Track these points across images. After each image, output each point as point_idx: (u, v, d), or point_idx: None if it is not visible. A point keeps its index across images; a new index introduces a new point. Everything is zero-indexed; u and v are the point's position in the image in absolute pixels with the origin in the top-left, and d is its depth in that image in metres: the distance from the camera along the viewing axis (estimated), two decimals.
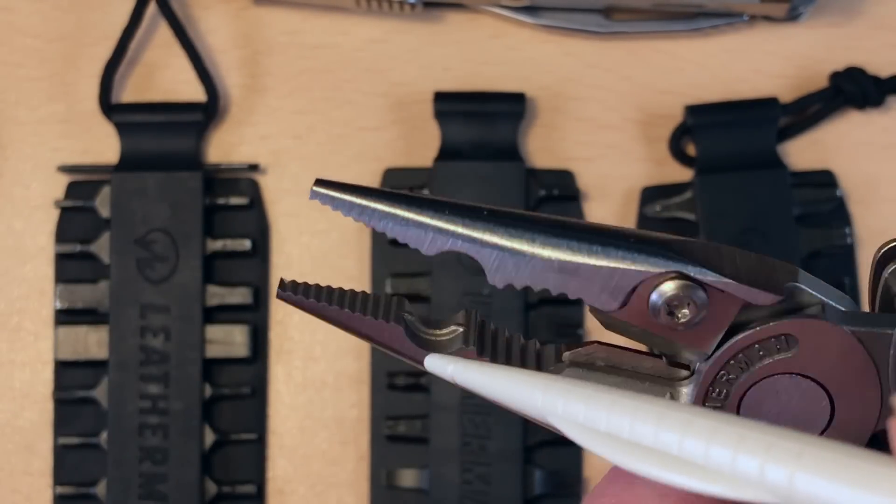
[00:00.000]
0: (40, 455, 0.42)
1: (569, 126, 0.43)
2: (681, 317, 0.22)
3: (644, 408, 0.19)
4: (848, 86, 0.42)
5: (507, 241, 0.22)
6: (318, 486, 0.42)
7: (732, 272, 0.22)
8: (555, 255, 0.22)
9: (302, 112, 0.44)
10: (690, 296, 0.22)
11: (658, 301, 0.22)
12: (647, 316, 0.22)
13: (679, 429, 0.18)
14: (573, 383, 0.21)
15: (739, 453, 0.17)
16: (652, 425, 0.19)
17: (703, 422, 0.18)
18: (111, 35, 0.43)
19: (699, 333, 0.22)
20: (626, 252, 0.22)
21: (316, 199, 0.22)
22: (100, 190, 0.42)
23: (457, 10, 0.44)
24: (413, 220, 0.22)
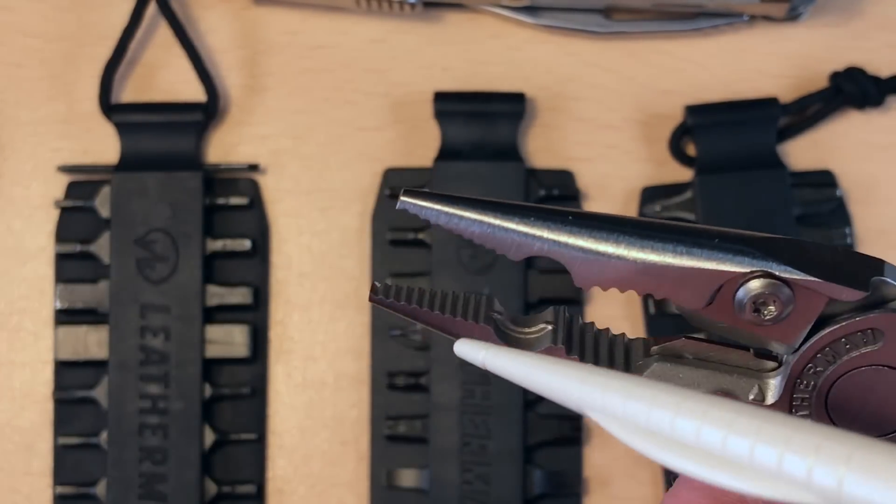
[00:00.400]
0: (40, 455, 0.42)
1: (569, 126, 0.43)
2: (767, 314, 0.22)
3: (686, 404, 0.19)
4: (848, 86, 0.42)
5: (592, 244, 0.22)
6: (318, 486, 0.42)
7: (817, 269, 0.22)
8: (640, 256, 0.22)
9: (302, 112, 0.44)
10: (776, 293, 0.22)
11: (744, 299, 0.22)
12: (733, 313, 0.22)
13: (723, 427, 0.18)
14: (611, 375, 0.20)
15: (786, 454, 0.17)
16: (694, 423, 0.18)
17: (747, 420, 0.18)
18: (111, 35, 0.43)
19: (786, 328, 0.22)
20: (710, 252, 0.22)
21: (405, 209, 0.23)
22: (100, 190, 0.42)
23: (457, 10, 0.44)
24: (500, 226, 0.23)
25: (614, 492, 0.42)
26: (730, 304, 0.22)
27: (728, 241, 0.22)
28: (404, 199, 0.23)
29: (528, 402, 0.41)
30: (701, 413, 0.18)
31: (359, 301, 0.42)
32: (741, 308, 0.22)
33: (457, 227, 0.23)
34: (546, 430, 0.41)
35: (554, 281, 0.42)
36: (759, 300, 0.22)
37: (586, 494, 0.42)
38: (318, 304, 0.42)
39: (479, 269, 0.41)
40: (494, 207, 0.23)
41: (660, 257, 0.22)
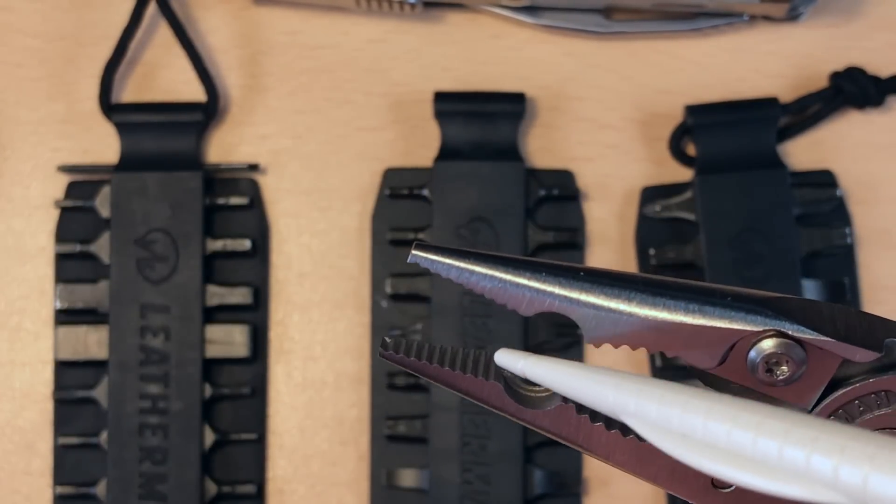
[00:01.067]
0: (40, 455, 0.42)
1: (569, 126, 0.43)
2: (779, 374, 0.22)
3: (717, 408, 0.19)
4: (848, 86, 0.42)
5: (604, 300, 0.22)
6: (318, 486, 0.42)
7: (831, 329, 0.22)
8: (652, 314, 0.22)
9: (302, 112, 0.44)
10: (789, 353, 0.22)
11: (756, 358, 0.22)
12: (745, 373, 0.22)
13: (753, 429, 0.18)
14: (645, 381, 0.21)
15: (813, 454, 0.17)
16: (726, 425, 0.19)
17: (775, 423, 0.18)
18: (111, 35, 0.43)
19: (799, 389, 0.22)
20: (723, 310, 0.22)
21: (416, 262, 0.23)
22: (100, 190, 0.42)
23: (457, 10, 0.44)
24: (511, 281, 0.23)
25: (614, 492, 0.42)
26: (742, 363, 0.22)
27: (741, 299, 0.22)
28: (416, 252, 0.23)
29: None
30: (732, 416, 0.19)
31: (359, 301, 0.42)
32: (754, 368, 0.22)
33: (468, 281, 0.23)
34: None
35: None
36: (772, 360, 0.22)
37: (586, 494, 0.42)
38: (318, 304, 0.42)
39: None
40: (505, 263, 0.23)
41: (672, 315, 0.22)
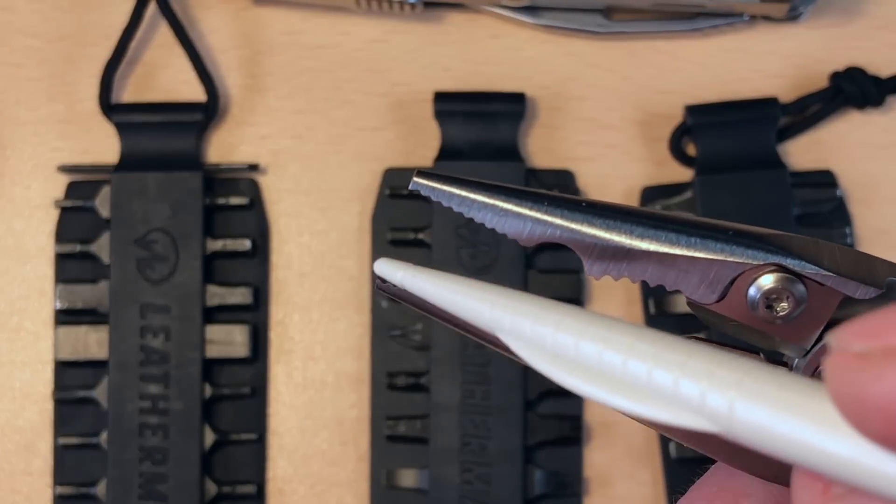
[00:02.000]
0: (40, 455, 0.42)
1: (569, 126, 0.43)
2: (779, 310, 0.22)
3: (590, 329, 0.19)
4: (848, 86, 0.42)
5: (606, 232, 0.22)
6: (318, 486, 0.42)
7: (832, 265, 0.22)
8: (653, 246, 0.22)
9: (302, 112, 0.44)
10: (789, 289, 0.22)
11: (756, 294, 0.22)
12: (745, 309, 0.22)
13: (623, 351, 0.18)
14: (523, 298, 0.20)
15: (682, 379, 0.17)
16: (597, 346, 0.18)
17: (646, 345, 0.18)
18: (111, 35, 0.43)
19: (798, 327, 0.22)
20: (724, 244, 0.22)
21: (417, 189, 0.23)
22: (100, 190, 0.42)
23: (457, 10, 0.44)
24: (512, 210, 0.22)
25: (614, 492, 0.42)
26: (742, 299, 0.22)
27: (742, 234, 0.22)
28: (417, 179, 0.23)
29: (529, 402, 0.41)
30: (604, 337, 0.18)
31: (359, 301, 0.42)
32: (754, 304, 0.22)
33: (468, 210, 0.23)
34: (546, 430, 0.41)
35: (554, 281, 0.42)
36: (772, 295, 0.22)
37: (586, 494, 0.42)
38: (318, 304, 0.42)
39: (479, 269, 0.41)
40: (507, 192, 0.22)
41: (672, 248, 0.22)
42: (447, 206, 0.23)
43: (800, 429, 0.16)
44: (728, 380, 0.17)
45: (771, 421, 0.16)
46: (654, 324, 0.42)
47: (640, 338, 0.18)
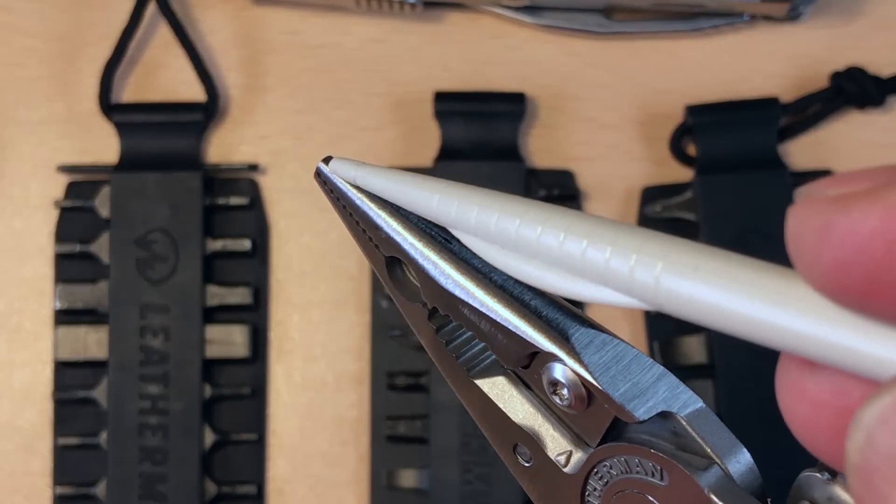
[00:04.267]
0: (40, 455, 0.42)
1: (569, 126, 0.43)
2: (564, 400, 0.21)
3: (530, 213, 0.19)
4: (848, 86, 0.42)
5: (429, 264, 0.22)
6: (318, 486, 0.42)
7: (614, 377, 0.20)
8: (462, 295, 0.21)
9: (302, 112, 0.44)
10: (569, 385, 0.20)
11: (544, 377, 0.21)
12: (542, 387, 0.21)
13: (560, 233, 0.18)
14: (470, 190, 0.21)
15: (612, 256, 0.17)
16: (536, 230, 0.19)
17: (581, 226, 0.18)
18: (111, 35, 0.43)
19: (584, 421, 0.21)
20: (522, 319, 0.21)
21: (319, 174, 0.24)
22: (100, 190, 0.42)
23: (457, 10, 0.44)
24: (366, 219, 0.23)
25: None
26: (540, 377, 0.21)
27: (539, 315, 0.21)
28: (321, 165, 0.24)
29: None
30: (542, 220, 0.19)
31: (359, 301, 0.42)
32: (544, 384, 0.21)
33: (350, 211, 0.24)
34: None
35: None
36: (554, 385, 0.21)
37: None
38: (318, 304, 0.42)
39: None
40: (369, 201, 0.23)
41: (481, 305, 0.21)
42: (337, 200, 0.24)
43: (725, 298, 0.16)
44: (654, 254, 0.17)
45: (696, 292, 0.16)
46: (654, 323, 0.42)
47: (576, 219, 0.18)
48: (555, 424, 0.22)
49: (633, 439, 0.21)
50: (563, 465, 0.22)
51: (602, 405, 0.20)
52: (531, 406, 0.22)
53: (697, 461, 0.20)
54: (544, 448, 0.22)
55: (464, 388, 0.23)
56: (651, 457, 0.20)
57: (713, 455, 0.20)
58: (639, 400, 0.20)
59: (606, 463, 0.21)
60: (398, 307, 0.24)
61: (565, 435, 0.22)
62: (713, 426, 0.20)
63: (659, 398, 0.20)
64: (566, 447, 0.22)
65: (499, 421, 0.23)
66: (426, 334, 0.23)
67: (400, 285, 0.23)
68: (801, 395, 0.17)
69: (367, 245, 0.24)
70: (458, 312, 0.22)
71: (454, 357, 0.23)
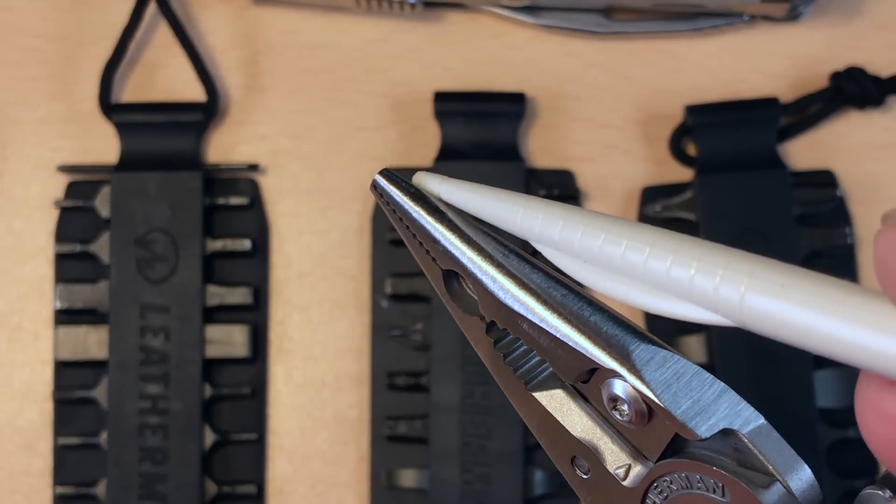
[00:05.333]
0: (40, 455, 0.42)
1: (569, 126, 0.43)
2: (624, 416, 0.21)
3: (614, 230, 0.19)
4: (848, 86, 0.42)
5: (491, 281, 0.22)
6: (318, 486, 0.42)
7: (671, 397, 0.20)
8: (523, 311, 0.22)
9: (302, 112, 0.44)
10: (630, 401, 0.21)
11: (605, 394, 0.21)
12: (602, 402, 0.22)
13: (645, 250, 0.18)
14: (552, 206, 0.21)
15: (696, 274, 0.18)
16: (620, 247, 0.19)
17: (666, 244, 0.18)
18: (111, 35, 0.43)
19: (645, 436, 0.21)
20: (582, 336, 0.21)
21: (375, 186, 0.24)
22: (100, 190, 0.42)
23: (457, 10, 0.44)
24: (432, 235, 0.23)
25: None
26: (600, 392, 0.21)
27: (599, 333, 0.21)
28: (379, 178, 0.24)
29: None
30: (627, 237, 0.19)
31: (359, 301, 0.42)
32: (605, 401, 0.21)
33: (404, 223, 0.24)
34: None
35: None
36: (615, 401, 0.21)
37: None
38: (318, 304, 0.42)
39: None
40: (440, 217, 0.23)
41: (541, 321, 0.21)
42: (394, 213, 0.24)
43: (811, 318, 0.16)
44: (739, 272, 0.17)
45: (778, 308, 0.16)
46: (654, 321, 0.42)
47: (660, 237, 0.18)
48: (613, 438, 0.22)
49: (694, 455, 0.21)
50: (622, 478, 0.22)
51: (663, 421, 0.20)
52: (589, 419, 0.22)
53: (759, 478, 0.20)
54: (603, 461, 0.22)
55: (522, 400, 0.23)
56: (713, 474, 0.20)
57: (774, 472, 0.20)
58: (700, 417, 0.20)
59: (667, 478, 0.21)
60: (456, 320, 0.24)
61: (624, 448, 0.22)
62: (774, 443, 0.20)
63: (720, 415, 0.21)
64: (625, 461, 0.22)
65: (557, 433, 0.23)
66: (484, 347, 0.23)
67: (457, 298, 0.24)
68: (882, 414, 0.17)
69: (424, 258, 0.24)
70: (517, 327, 0.22)
71: (512, 370, 0.23)
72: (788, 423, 0.40)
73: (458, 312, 0.24)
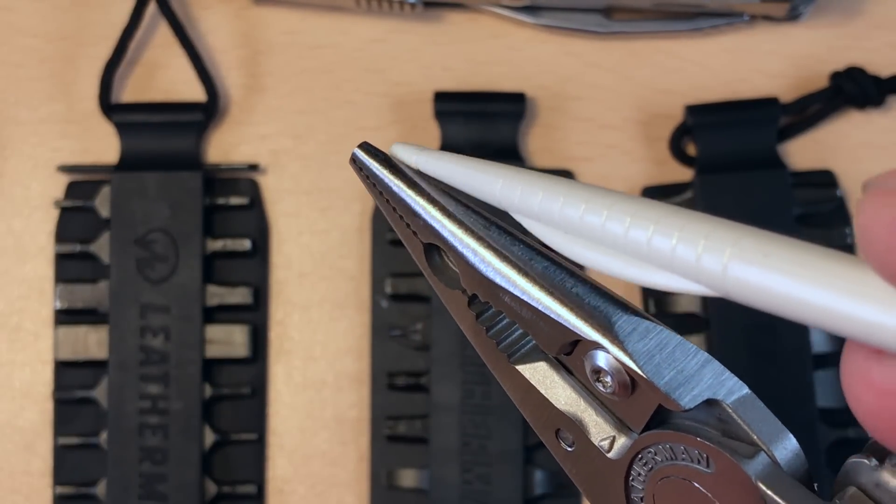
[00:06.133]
0: (40, 455, 0.42)
1: (569, 126, 0.43)
2: (607, 387, 0.21)
3: (595, 200, 0.19)
4: (848, 86, 0.42)
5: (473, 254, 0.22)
6: (318, 486, 0.42)
7: (655, 367, 0.20)
8: (505, 284, 0.22)
9: (302, 112, 0.44)
10: (612, 372, 0.21)
11: (587, 365, 0.21)
12: (585, 373, 0.21)
13: (625, 220, 0.18)
14: (532, 175, 0.20)
15: (679, 243, 0.17)
16: (600, 217, 0.19)
17: (646, 213, 0.18)
18: (111, 35, 0.43)
19: (628, 407, 0.21)
20: (564, 308, 0.21)
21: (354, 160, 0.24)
22: (100, 190, 0.42)
23: (457, 10, 0.44)
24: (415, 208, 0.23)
25: None
26: (583, 363, 0.21)
27: (581, 305, 0.21)
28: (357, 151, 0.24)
29: None
30: (607, 207, 0.19)
31: (359, 301, 0.42)
32: (588, 373, 0.21)
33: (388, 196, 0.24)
34: None
35: None
36: (597, 372, 0.21)
37: None
38: (318, 304, 0.42)
39: None
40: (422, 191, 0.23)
41: (522, 293, 0.21)
42: (374, 187, 0.24)
43: (795, 286, 0.16)
44: (723, 239, 0.17)
45: (764, 278, 0.16)
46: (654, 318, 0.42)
47: (641, 207, 0.18)
48: (597, 409, 0.22)
49: (679, 426, 0.21)
50: (606, 450, 0.22)
51: (646, 392, 0.20)
52: (573, 391, 0.22)
53: (743, 448, 0.20)
54: (587, 433, 0.22)
55: (505, 373, 0.23)
56: (697, 444, 0.20)
57: (759, 442, 0.20)
58: (684, 388, 0.20)
59: (651, 449, 0.21)
60: (437, 294, 0.24)
61: (608, 420, 0.22)
62: (759, 412, 0.20)
63: (704, 385, 0.20)
64: (609, 432, 0.22)
65: (541, 406, 0.23)
66: (466, 320, 0.23)
67: (438, 271, 0.23)
68: (868, 384, 0.17)
69: (404, 231, 0.23)
70: (499, 300, 0.22)
71: (495, 343, 0.23)
72: (788, 423, 0.41)
73: (440, 286, 0.23)
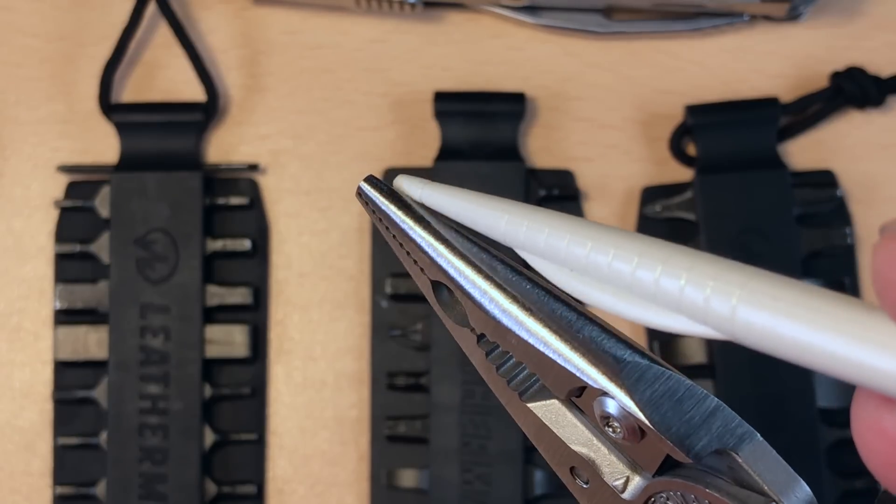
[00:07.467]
0: (40, 455, 0.42)
1: (569, 126, 0.43)
2: (616, 432, 0.21)
3: (602, 239, 0.18)
4: (848, 86, 0.42)
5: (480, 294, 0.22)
6: (318, 486, 0.42)
7: (661, 417, 0.20)
8: (514, 327, 0.21)
9: (302, 112, 0.44)
10: (620, 419, 0.20)
11: (596, 409, 0.21)
12: (594, 416, 0.21)
13: (632, 260, 0.18)
14: (537, 212, 0.20)
15: (687, 285, 0.17)
16: (607, 257, 0.18)
17: (654, 253, 0.18)
18: (111, 35, 0.43)
19: (639, 452, 0.21)
20: (571, 353, 0.20)
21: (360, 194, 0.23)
22: (100, 190, 0.42)
23: (457, 10, 0.44)
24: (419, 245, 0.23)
25: None
26: (592, 407, 0.21)
27: (588, 350, 0.20)
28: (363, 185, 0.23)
29: None
30: (614, 246, 0.18)
31: (359, 301, 0.42)
32: (598, 418, 0.21)
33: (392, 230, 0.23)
34: None
35: None
36: (606, 418, 0.20)
37: None
38: (318, 304, 0.42)
39: None
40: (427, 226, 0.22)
41: (530, 337, 0.21)
42: (380, 221, 0.23)
43: (802, 331, 0.15)
44: (730, 284, 0.16)
45: (773, 324, 0.16)
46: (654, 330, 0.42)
47: (649, 246, 0.18)
48: (611, 449, 0.22)
49: (688, 475, 0.20)
50: (620, 490, 0.21)
51: (655, 441, 0.20)
52: (586, 430, 0.22)
53: (754, 499, 0.19)
54: (601, 473, 0.22)
55: (518, 410, 0.23)
56: (706, 495, 0.20)
57: (770, 492, 0.20)
58: (692, 438, 0.20)
59: (663, 494, 0.21)
60: (448, 330, 0.23)
61: (622, 460, 0.22)
62: (770, 461, 0.20)
63: (713, 435, 0.20)
64: (624, 472, 0.22)
65: (554, 444, 0.22)
66: (477, 358, 0.23)
67: (447, 307, 0.23)
68: (880, 432, 0.16)
69: (412, 267, 0.23)
70: (506, 340, 0.21)
71: (506, 381, 0.23)
72: (788, 423, 0.41)
73: (450, 322, 0.23)
